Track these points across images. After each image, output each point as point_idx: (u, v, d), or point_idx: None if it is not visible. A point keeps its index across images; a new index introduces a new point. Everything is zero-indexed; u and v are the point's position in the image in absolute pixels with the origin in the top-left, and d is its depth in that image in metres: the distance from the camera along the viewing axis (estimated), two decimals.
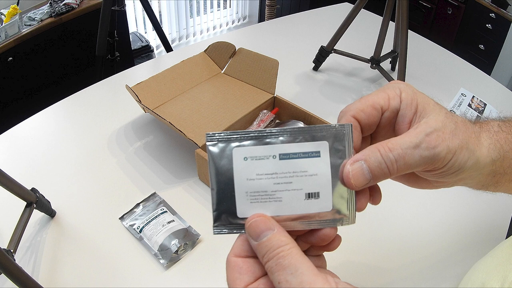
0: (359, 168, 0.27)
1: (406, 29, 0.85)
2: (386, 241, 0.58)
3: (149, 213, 0.59)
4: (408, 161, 0.27)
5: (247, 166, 0.27)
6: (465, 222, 0.61)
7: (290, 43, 1.14)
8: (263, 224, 0.26)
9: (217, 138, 0.27)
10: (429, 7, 2.53)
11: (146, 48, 2.35)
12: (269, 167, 0.27)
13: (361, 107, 0.30)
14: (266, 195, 0.27)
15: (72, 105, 0.84)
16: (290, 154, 0.27)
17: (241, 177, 0.27)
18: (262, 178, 0.27)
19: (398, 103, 0.30)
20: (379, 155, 0.27)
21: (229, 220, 0.27)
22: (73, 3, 1.67)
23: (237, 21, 3.13)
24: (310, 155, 0.27)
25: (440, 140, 0.27)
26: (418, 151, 0.27)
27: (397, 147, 0.27)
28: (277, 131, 0.27)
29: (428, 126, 0.28)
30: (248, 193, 0.27)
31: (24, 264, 0.53)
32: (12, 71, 1.56)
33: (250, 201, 0.27)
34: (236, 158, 0.27)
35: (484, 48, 2.27)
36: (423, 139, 0.27)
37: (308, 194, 0.27)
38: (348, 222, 0.28)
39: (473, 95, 0.85)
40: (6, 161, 0.69)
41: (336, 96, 0.92)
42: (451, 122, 0.29)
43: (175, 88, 0.77)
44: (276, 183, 0.27)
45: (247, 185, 0.27)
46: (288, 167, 0.27)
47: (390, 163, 0.27)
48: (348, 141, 0.28)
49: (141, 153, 0.72)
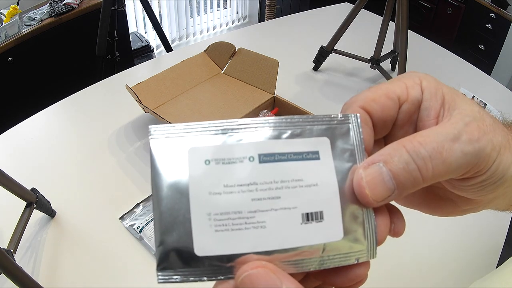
0: (377, 173, 0.18)
1: (406, 29, 0.85)
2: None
3: (149, 213, 0.59)
4: (448, 159, 0.18)
5: (210, 173, 0.17)
6: (465, 225, 0.61)
7: (290, 43, 1.14)
8: (266, 279, 0.16)
9: (164, 133, 0.19)
10: (429, 7, 2.53)
11: (146, 48, 2.35)
12: (244, 175, 0.17)
13: (372, 96, 0.21)
14: (240, 219, 0.17)
15: (72, 105, 0.84)
16: (275, 155, 0.18)
17: (200, 190, 0.17)
18: (233, 192, 0.17)
19: (419, 92, 0.21)
20: (405, 153, 0.18)
21: (182, 262, 0.17)
22: (73, 3, 1.67)
23: (237, 21, 3.13)
24: (305, 157, 0.18)
25: (482, 133, 0.19)
26: (459, 145, 0.19)
27: (430, 140, 0.19)
28: (253, 122, 0.19)
29: (465, 115, 0.20)
30: (212, 215, 0.17)
31: (24, 264, 0.53)
32: (12, 71, 1.56)
33: (214, 229, 0.17)
34: (193, 161, 0.17)
35: (484, 48, 2.27)
36: (462, 129, 0.19)
37: (306, 215, 0.18)
38: (368, 255, 0.18)
39: (473, 95, 0.85)
40: (6, 161, 0.69)
41: (336, 96, 0.91)
42: (487, 115, 0.21)
43: (175, 88, 0.77)
44: (256, 198, 0.17)
45: (210, 203, 0.17)
46: (273, 174, 0.18)
47: (422, 163, 0.18)
48: (356, 137, 0.19)
49: (141, 153, 0.72)
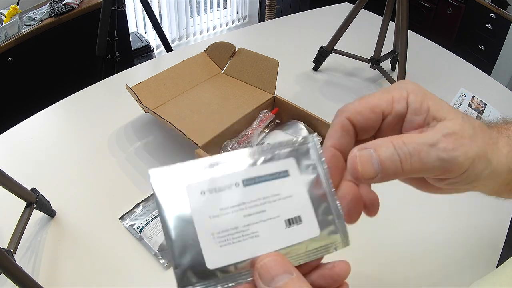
0: (368, 155, 0.23)
1: (406, 29, 0.85)
2: (385, 246, 0.57)
3: (149, 213, 0.59)
4: (424, 158, 0.23)
5: (207, 201, 0.22)
6: (465, 226, 0.61)
7: (290, 43, 1.14)
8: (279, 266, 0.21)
9: (163, 176, 0.23)
10: (429, 7, 2.53)
11: (146, 48, 2.35)
12: (234, 198, 0.23)
13: (359, 109, 0.26)
14: (238, 233, 0.22)
15: (72, 105, 0.84)
16: (255, 178, 0.23)
17: (202, 216, 0.22)
18: (228, 213, 0.22)
19: (404, 107, 0.26)
20: (392, 146, 0.23)
21: (198, 277, 0.21)
22: (73, 3, 1.67)
23: (237, 21, 3.13)
24: (279, 176, 0.24)
25: (459, 144, 0.24)
26: (435, 151, 0.23)
27: (412, 141, 0.23)
28: (233, 155, 0.24)
29: (445, 127, 0.24)
30: (215, 234, 0.22)
31: (24, 264, 0.53)
32: (12, 71, 1.56)
33: (219, 245, 0.22)
34: (191, 195, 0.22)
35: (484, 48, 2.27)
36: (440, 139, 0.23)
37: (288, 221, 0.23)
38: (342, 244, 0.24)
39: (473, 95, 0.85)
40: (6, 161, 0.69)
41: (336, 96, 0.91)
42: (470, 127, 0.25)
43: (175, 88, 0.77)
44: (247, 215, 0.23)
45: (211, 225, 0.22)
46: (256, 193, 0.23)
47: (403, 157, 0.23)
48: (316, 154, 0.25)
49: (141, 153, 0.72)
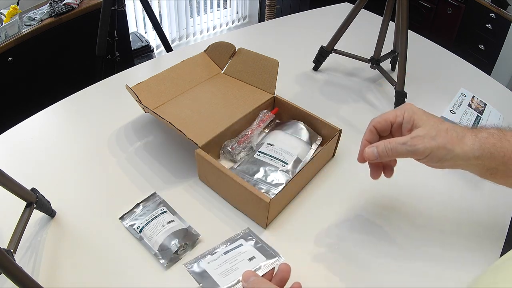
0: (371, 150, 0.50)
1: (406, 29, 0.85)
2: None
3: (149, 213, 0.59)
4: (398, 150, 0.48)
5: (212, 264, 0.48)
6: (465, 225, 0.61)
7: (290, 43, 1.14)
8: (251, 274, 0.45)
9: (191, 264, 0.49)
10: (429, 7, 2.53)
11: (146, 48, 2.35)
12: (223, 258, 0.49)
13: (379, 120, 0.51)
14: (228, 270, 0.48)
15: (72, 105, 0.84)
16: (229, 250, 0.50)
17: (213, 271, 0.48)
18: (221, 265, 0.48)
19: (401, 119, 0.50)
20: (383, 145, 0.49)
21: None
22: (73, 3, 1.67)
23: (237, 21, 3.14)
24: (239, 246, 0.51)
25: (420, 142, 0.46)
26: (404, 146, 0.47)
27: (393, 142, 0.48)
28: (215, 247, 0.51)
29: (414, 133, 0.47)
30: (220, 273, 0.47)
31: (24, 264, 0.53)
32: (12, 71, 1.56)
33: (223, 277, 0.47)
34: (205, 266, 0.48)
35: (484, 48, 2.27)
36: (408, 140, 0.47)
37: (249, 259, 0.49)
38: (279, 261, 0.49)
39: (473, 95, 0.85)
40: (6, 161, 0.69)
41: (336, 96, 0.91)
42: (434, 131, 0.46)
43: (175, 88, 0.77)
44: (230, 262, 0.48)
45: (218, 272, 0.47)
46: (232, 254, 0.50)
47: (389, 149, 0.48)
48: (253, 235, 0.53)
49: (141, 153, 0.72)
